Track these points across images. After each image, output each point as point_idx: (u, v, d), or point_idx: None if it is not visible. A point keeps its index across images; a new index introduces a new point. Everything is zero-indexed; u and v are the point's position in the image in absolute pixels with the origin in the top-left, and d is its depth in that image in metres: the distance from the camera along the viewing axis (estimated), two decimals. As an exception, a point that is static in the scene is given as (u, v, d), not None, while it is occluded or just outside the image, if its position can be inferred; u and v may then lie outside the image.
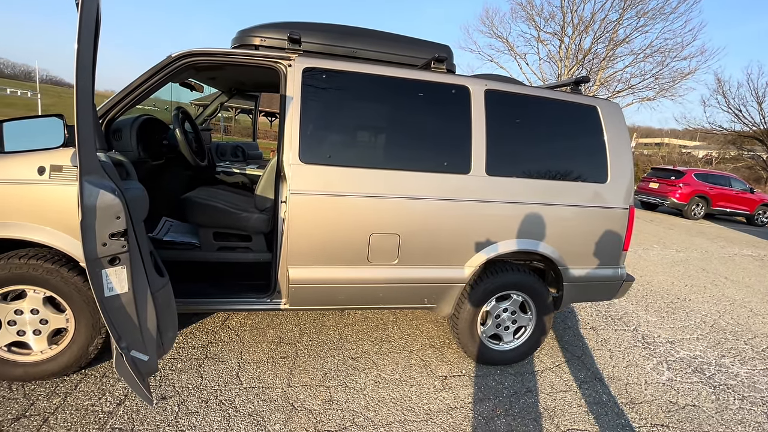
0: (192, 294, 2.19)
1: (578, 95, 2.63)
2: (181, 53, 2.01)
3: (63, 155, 1.79)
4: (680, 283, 5.02)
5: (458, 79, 2.35)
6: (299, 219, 2.11)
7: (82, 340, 1.98)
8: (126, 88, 2.00)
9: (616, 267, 2.68)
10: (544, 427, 2.12)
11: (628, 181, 2.60)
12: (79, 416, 1.82)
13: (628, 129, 2.68)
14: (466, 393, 2.33)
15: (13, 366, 1.95)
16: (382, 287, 2.32)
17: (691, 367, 2.92)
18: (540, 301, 2.58)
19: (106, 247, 1.48)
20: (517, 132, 2.48)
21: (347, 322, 3.03)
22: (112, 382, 2.06)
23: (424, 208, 2.26)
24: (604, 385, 2.56)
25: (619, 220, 2.59)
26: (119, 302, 1.56)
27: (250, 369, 2.32)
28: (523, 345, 2.64)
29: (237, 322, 2.83)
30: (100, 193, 1.45)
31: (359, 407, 2.11)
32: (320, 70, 2.15)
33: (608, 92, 19.40)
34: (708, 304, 4.33)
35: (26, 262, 1.85)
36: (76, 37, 1.35)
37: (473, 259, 2.38)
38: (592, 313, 3.74)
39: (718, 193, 11.64)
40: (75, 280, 1.90)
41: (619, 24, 18.16)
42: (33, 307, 1.93)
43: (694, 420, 2.31)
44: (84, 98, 1.41)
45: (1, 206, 1.79)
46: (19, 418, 1.77)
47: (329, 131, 2.19)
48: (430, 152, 2.30)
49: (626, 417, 2.27)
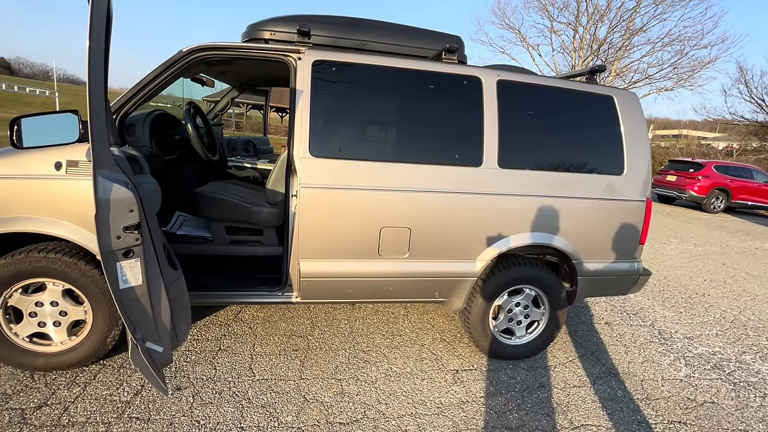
0: (205, 287, 2.22)
1: (593, 85, 2.56)
2: (192, 48, 2.02)
3: (79, 150, 1.83)
4: (699, 278, 4.89)
5: (470, 70, 2.31)
6: (310, 213, 2.11)
7: (100, 332, 2.03)
8: (138, 83, 2.02)
9: (632, 261, 2.62)
10: (558, 422, 2.10)
11: (645, 173, 2.53)
12: (98, 405, 1.87)
13: (645, 119, 2.60)
14: (478, 387, 2.32)
15: (35, 356, 2.01)
16: (393, 281, 2.32)
17: (710, 363, 2.85)
18: (553, 296, 2.54)
19: (120, 240, 1.51)
20: (530, 123, 2.44)
21: (358, 315, 3.04)
22: (129, 373, 2.11)
23: (435, 202, 2.24)
24: (619, 381, 2.52)
25: (635, 213, 2.52)
26: (134, 294, 1.58)
27: (263, 361, 2.35)
28: (536, 340, 2.61)
29: (250, 315, 2.87)
30: (113, 187, 1.48)
31: (371, 400, 2.12)
32: (330, 63, 2.14)
33: (624, 83, 18.93)
34: (728, 300, 4.21)
35: (45, 256, 1.89)
36: (87, 34, 1.36)
37: (485, 252, 2.36)
38: (606, 308, 3.67)
39: (739, 186, 11.28)
40: (92, 273, 1.94)
41: (636, 12, 17.63)
42: (53, 300, 1.98)
43: (713, 417, 2.25)
44: (97, 94, 1.42)
45: (21, 201, 1.83)
46: (41, 407, 1.83)
47: (339, 124, 2.18)
48: (441, 145, 2.27)
49: (642, 413, 2.23)
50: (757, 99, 20.81)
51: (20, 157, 1.82)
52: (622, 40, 18.32)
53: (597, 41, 18.80)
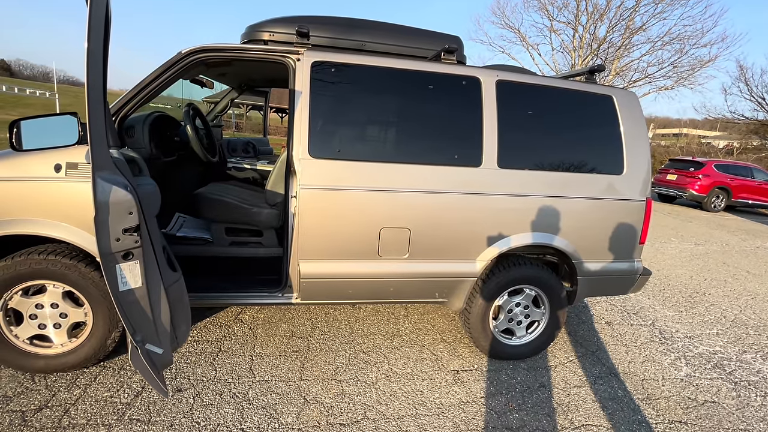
0: (205, 288, 2.22)
1: (593, 84, 2.56)
2: (191, 49, 2.02)
3: (78, 152, 1.83)
4: (699, 277, 4.89)
5: (469, 70, 2.31)
6: (309, 214, 2.11)
7: (100, 334, 2.03)
8: (138, 84, 2.02)
9: (632, 261, 2.62)
10: (558, 422, 2.10)
11: (645, 172, 2.53)
12: (98, 407, 1.87)
13: (645, 119, 2.60)
14: (479, 387, 2.32)
15: (35, 358, 2.01)
16: (393, 281, 2.32)
17: (711, 362, 2.85)
18: (553, 296, 2.54)
19: (119, 242, 1.51)
20: (529, 123, 2.43)
21: (358, 316, 3.04)
22: (129, 375, 2.11)
23: (435, 202, 2.23)
24: (620, 381, 2.52)
25: (635, 213, 2.52)
26: (133, 296, 1.58)
27: (263, 362, 2.35)
28: (536, 340, 2.61)
29: (250, 316, 2.87)
30: (112, 189, 1.48)
31: (371, 401, 2.12)
32: (329, 64, 2.14)
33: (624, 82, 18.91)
34: (729, 299, 4.21)
35: (45, 258, 1.89)
36: (86, 36, 1.36)
37: (485, 253, 2.36)
38: (607, 307, 3.67)
39: (740, 184, 11.27)
40: (92, 275, 1.94)
41: (636, 11, 17.63)
42: (53, 302, 1.98)
43: (713, 417, 2.25)
44: (95, 96, 1.42)
45: (21, 203, 1.84)
46: (42, 409, 1.83)
47: (338, 125, 2.18)
48: (440, 145, 2.27)
49: (642, 413, 2.23)
50: (758, 97, 20.78)
51: (20, 160, 1.82)
52: (621, 39, 18.32)
53: (597, 40, 18.80)
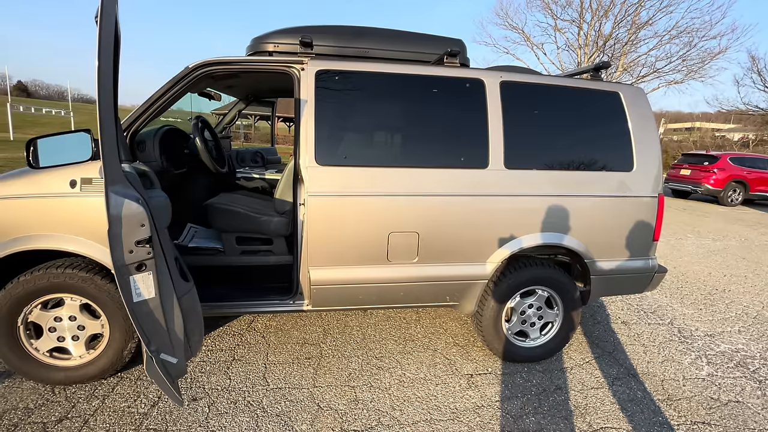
0: (217, 297, 2.25)
1: (598, 82, 2.54)
2: (197, 63, 2.07)
3: (92, 168, 1.88)
4: (718, 273, 4.76)
5: (472, 73, 2.31)
6: (318, 221, 2.13)
7: (117, 345, 2.07)
8: (147, 100, 2.07)
9: (646, 258, 2.57)
10: (576, 425, 2.06)
11: (656, 168, 2.49)
12: (116, 417, 1.90)
13: (653, 114, 2.56)
14: (493, 391, 2.29)
15: (55, 370, 2.05)
16: (403, 286, 2.31)
17: (734, 361, 2.77)
18: (567, 296, 2.51)
19: (132, 254, 1.54)
20: (535, 123, 2.42)
21: (370, 321, 3.03)
22: (146, 385, 2.14)
23: (443, 205, 2.23)
24: (639, 382, 2.46)
25: (647, 210, 2.48)
26: (147, 307, 1.61)
27: (277, 370, 2.36)
28: (551, 341, 2.57)
29: (262, 324, 2.89)
30: (125, 203, 1.51)
31: (385, 407, 2.11)
32: (333, 72, 2.17)
33: (632, 78, 18.69)
34: (750, 295, 4.09)
35: (63, 272, 1.94)
36: (96, 54, 1.40)
37: (495, 254, 2.34)
38: (623, 306, 3.60)
39: (757, 177, 10.99)
40: (108, 287, 1.98)
41: (642, 6, 17.47)
42: (71, 314, 2.02)
43: (738, 417, 2.18)
44: (107, 113, 1.46)
45: (40, 219, 1.89)
46: (62, 420, 1.87)
47: (344, 132, 2.20)
48: (446, 148, 2.27)
49: (663, 415, 2.17)
50: (772, 88, 20.31)
51: (37, 177, 1.88)
52: (628, 34, 18.13)
53: (602, 37, 18.65)
